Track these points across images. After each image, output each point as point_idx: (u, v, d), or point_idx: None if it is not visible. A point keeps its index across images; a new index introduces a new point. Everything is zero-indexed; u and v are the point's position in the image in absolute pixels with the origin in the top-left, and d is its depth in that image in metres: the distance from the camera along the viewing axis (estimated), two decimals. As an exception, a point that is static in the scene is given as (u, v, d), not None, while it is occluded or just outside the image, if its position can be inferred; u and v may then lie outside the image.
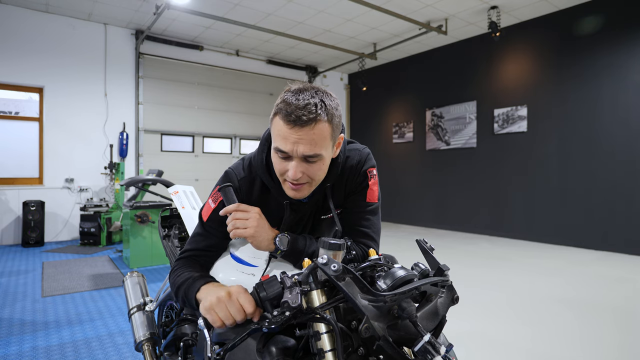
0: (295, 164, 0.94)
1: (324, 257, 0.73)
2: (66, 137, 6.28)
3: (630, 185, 5.20)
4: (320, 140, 0.93)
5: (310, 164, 0.95)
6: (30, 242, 5.72)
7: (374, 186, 1.16)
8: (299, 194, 1.00)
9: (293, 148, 0.92)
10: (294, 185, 0.98)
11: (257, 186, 1.10)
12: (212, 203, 1.09)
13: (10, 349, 2.43)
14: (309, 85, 0.97)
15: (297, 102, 0.91)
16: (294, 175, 0.94)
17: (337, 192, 1.14)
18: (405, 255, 4.55)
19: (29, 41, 5.96)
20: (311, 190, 1.02)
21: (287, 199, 1.07)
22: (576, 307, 3.21)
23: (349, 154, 1.13)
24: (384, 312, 0.72)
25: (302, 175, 0.96)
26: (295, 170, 0.94)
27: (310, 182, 0.99)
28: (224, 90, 7.93)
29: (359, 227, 1.15)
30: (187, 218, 1.60)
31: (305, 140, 0.91)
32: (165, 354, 1.41)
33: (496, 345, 2.53)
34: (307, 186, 1.00)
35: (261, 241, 1.01)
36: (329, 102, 0.95)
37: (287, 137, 0.91)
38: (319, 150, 0.93)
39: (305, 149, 0.92)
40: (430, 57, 7.81)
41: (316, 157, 0.94)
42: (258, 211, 1.02)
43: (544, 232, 6.06)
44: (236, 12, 6.04)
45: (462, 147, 7.22)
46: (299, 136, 0.91)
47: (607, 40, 5.41)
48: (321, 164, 0.97)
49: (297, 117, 0.90)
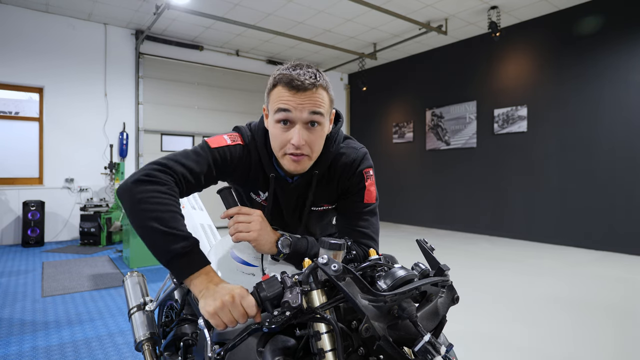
0: (299, 129, 0.97)
1: (324, 257, 0.73)
2: (66, 137, 6.28)
3: (630, 185, 5.20)
4: (322, 104, 0.98)
5: (312, 131, 0.99)
6: (30, 242, 5.72)
7: (371, 187, 1.16)
8: (299, 166, 1.02)
9: (296, 111, 0.96)
10: (295, 156, 0.99)
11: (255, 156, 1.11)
12: (228, 139, 1.08)
13: (10, 349, 2.43)
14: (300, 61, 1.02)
15: (296, 71, 0.96)
16: (298, 141, 0.96)
17: (327, 187, 1.15)
18: (406, 255, 4.55)
19: (29, 41, 5.96)
20: (310, 164, 1.04)
21: (274, 172, 1.09)
22: (576, 307, 3.21)
23: (344, 150, 1.13)
24: (384, 312, 0.72)
25: (304, 143, 0.98)
26: (299, 136, 0.96)
27: (310, 153, 1.01)
28: (224, 90, 7.93)
29: (358, 228, 1.15)
30: (187, 218, 1.60)
31: (309, 103, 0.96)
32: (165, 354, 1.41)
33: (496, 345, 2.53)
34: (307, 159, 1.01)
35: (264, 244, 1.00)
36: (323, 74, 1.02)
37: (288, 101, 0.96)
38: (323, 110, 0.98)
39: (311, 107, 0.96)
40: (430, 57, 7.81)
41: (318, 118, 0.98)
42: (260, 214, 1.01)
43: (544, 232, 6.06)
44: (236, 12, 6.04)
45: (462, 147, 7.22)
46: (302, 100, 0.95)
47: (607, 40, 5.41)
48: (321, 131, 1.01)
49: (300, 82, 0.95)
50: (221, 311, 0.80)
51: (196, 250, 0.88)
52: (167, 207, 0.88)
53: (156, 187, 0.89)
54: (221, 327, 0.80)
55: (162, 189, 0.90)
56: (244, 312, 0.79)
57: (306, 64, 1.01)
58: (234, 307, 0.79)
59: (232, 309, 0.79)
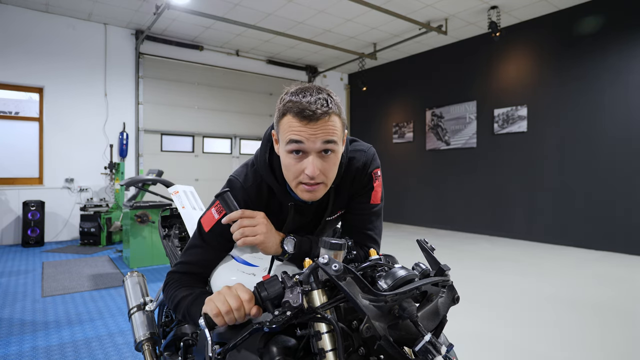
0: (312, 159, 0.92)
1: (325, 257, 0.72)
2: (66, 137, 6.28)
3: (630, 184, 5.20)
4: (335, 132, 0.93)
5: (326, 159, 0.94)
6: (30, 242, 5.72)
7: (378, 188, 1.15)
8: (314, 196, 0.97)
9: (309, 144, 0.91)
10: (310, 186, 0.95)
11: (265, 190, 1.07)
12: (216, 214, 1.05)
13: (10, 349, 2.43)
14: (308, 84, 0.96)
15: (306, 98, 0.90)
16: (313, 172, 0.92)
17: (342, 193, 1.13)
18: (406, 255, 4.55)
19: (29, 41, 5.96)
20: (326, 190, 1.00)
21: (292, 200, 1.06)
22: (576, 307, 3.21)
23: (353, 155, 1.11)
24: (384, 312, 0.72)
25: (319, 172, 0.94)
26: (313, 166, 0.92)
27: (326, 181, 0.97)
28: (224, 90, 7.93)
29: (362, 230, 1.14)
30: (187, 218, 1.60)
31: (322, 133, 0.90)
32: (165, 354, 1.40)
33: (497, 345, 2.53)
34: (322, 186, 0.97)
35: (270, 246, 0.99)
36: (335, 97, 0.95)
37: (302, 133, 0.90)
38: (336, 138, 0.93)
39: (324, 136, 0.91)
40: (430, 57, 7.81)
41: (332, 146, 0.93)
42: (263, 216, 1.00)
43: (544, 232, 6.06)
44: (236, 12, 6.04)
45: (462, 147, 7.22)
46: (314, 130, 0.90)
47: (607, 40, 5.41)
48: (335, 158, 0.96)
49: (312, 112, 0.89)
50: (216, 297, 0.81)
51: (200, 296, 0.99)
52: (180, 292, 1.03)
53: (170, 290, 1.06)
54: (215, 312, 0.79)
55: (175, 285, 1.07)
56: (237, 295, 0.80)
57: (316, 88, 0.94)
58: (229, 293, 0.81)
59: (226, 295, 0.81)
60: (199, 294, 0.98)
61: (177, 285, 1.04)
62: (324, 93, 0.93)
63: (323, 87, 0.96)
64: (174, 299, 1.02)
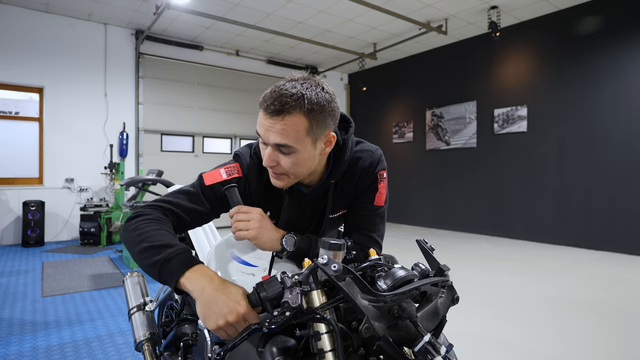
0: (269, 151, 0.95)
1: (324, 257, 0.72)
2: (66, 137, 6.28)
3: (630, 184, 5.20)
4: (292, 133, 0.90)
5: (284, 155, 0.94)
6: (30, 242, 5.72)
7: (383, 189, 1.15)
8: (278, 183, 1.00)
9: (265, 135, 0.93)
10: (274, 174, 0.99)
11: (264, 172, 1.08)
12: (225, 174, 1.05)
13: (10, 349, 2.43)
14: (305, 76, 0.95)
15: (277, 90, 0.91)
16: (265, 162, 0.95)
17: (346, 193, 1.13)
18: (406, 255, 4.54)
19: (29, 41, 5.96)
20: (291, 182, 1.01)
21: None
22: (576, 307, 3.21)
23: (360, 155, 1.11)
24: (384, 312, 0.72)
25: (276, 164, 0.95)
26: (267, 157, 0.95)
27: (288, 174, 0.97)
28: (224, 90, 7.93)
29: (363, 231, 1.14)
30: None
31: (275, 130, 0.90)
32: (165, 354, 1.41)
33: (496, 345, 2.53)
34: (285, 177, 0.99)
35: (265, 242, 1.00)
36: (313, 95, 0.90)
37: (262, 123, 0.93)
38: (289, 142, 0.91)
39: (274, 137, 0.91)
40: (430, 57, 7.81)
41: (287, 149, 0.92)
42: (259, 212, 1.01)
43: (544, 232, 6.06)
44: (236, 12, 6.04)
45: (462, 147, 7.22)
46: (270, 124, 0.91)
47: (607, 40, 5.41)
48: (295, 157, 0.94)
49: (267, 106, 0.91)
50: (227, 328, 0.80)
51: (183, 254, 0.87)
52: (151, 227, 0.92)
53: (141, 217, 0.95)
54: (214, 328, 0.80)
55: (148, 217, 0.95)
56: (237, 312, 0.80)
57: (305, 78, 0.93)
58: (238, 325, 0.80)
59: (237, 326, 0.80)
60: (178, 252, 0.87)
61: (150, 222, 0.93)
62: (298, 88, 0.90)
63: (315, 81, 0.94)
64: (141, 236, 0.89)
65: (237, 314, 0.79)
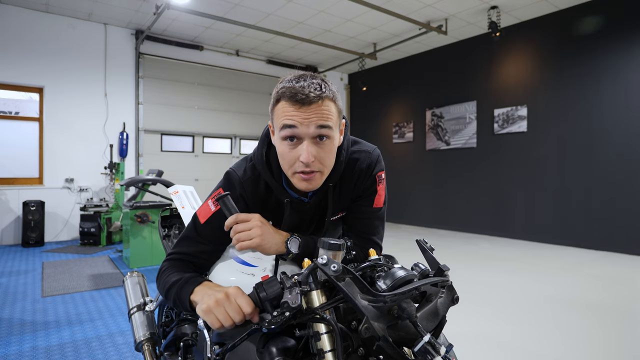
0: (307, 145, 0.90)
1: (323, 258, 0.72)
2: (66, 137, 6.28)
3: (630, 184, 5.20)
4: (330, 116, 0.92)
5: (321, 146, 0.92)
6: (30, 242, 5.72)
7: (382, 191, 1.13)
8: (311, 185, 0.96)
9: (303, 129, 0.89)
10: (306, 174, 0.94)
11: (262, 185, 1.06)
12: (213, 206, 1.03)
13: (10, 349, 2.43)
14: (302, 72, 0.96)
15: (299, 83, 0.90)
16: (307, 158, 0.90)
17: (344, 195, 1.11)
18: (405, 255, 4.55)
19: (29, 41, 5.96)
20: (322, 180, 0.98)
21: (288, 197, 1.05)
22: (576, 307, 3.21)
23: (357, 156, 1.09)
24: (384, 313, 0.72)
25: (314, 159, 0.92)
26: (307, 152, 0.90)
27: (322, 169, 0.95)
28: (224, 90, 7.93)
29: (363, 233, 1.13)
30: (187, 218, 1.60)
31: (316, 117, 0.89)
32: (165, 354, 1.40)
33: (496, 345, 2.53)
34: (318, 175, 0.95)
35: (270, 247, 0.98)
36: (329, 84, 0.95)
37: (296, 117, 0.89)
38: (331, 123, 0.92)
39: (317, 121, 0.89)
40: (430, 57, 7.81)
41: (327, 132, 0.91)
42: (259, 218, 0.98)
43: (544, 232, 6.06)
44: (236, 12, 6.04)
45: (462, 147, 7.22)
46: (308, 114, 0.89)
47: (607, 40, 5.41)
48: (331, 145, 0.94)
49: (305, 95, 0.88)
50: (215, 309, 0.80)
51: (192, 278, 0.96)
52: (172, 278, 1.00)
53: (162, 273, 1.05)
54: (217, 325, 0.80)
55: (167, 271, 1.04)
56: (238, 309, 0.79)
57: (310, 74, 0.95)
58: (228, 304, 0.80)
59: (226, 306, 0.80)
60: (189, 278, 0.96)
61: (170, 272, 1.02)
62: (317, 79, 0.93)
63: (318, 75, 0.96)
64: (165, 285, 0.99)
65: (226, 293, 0.81)
